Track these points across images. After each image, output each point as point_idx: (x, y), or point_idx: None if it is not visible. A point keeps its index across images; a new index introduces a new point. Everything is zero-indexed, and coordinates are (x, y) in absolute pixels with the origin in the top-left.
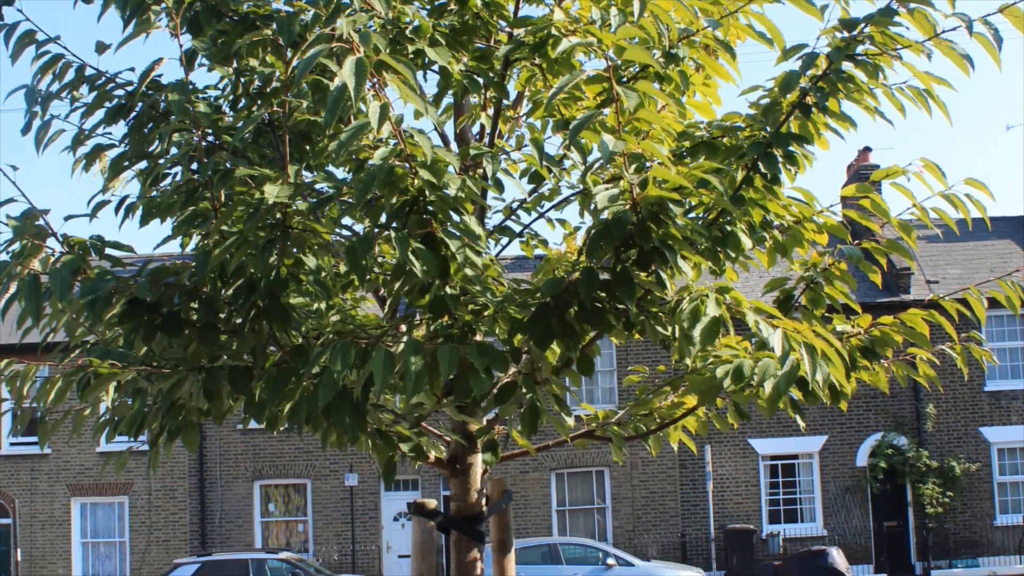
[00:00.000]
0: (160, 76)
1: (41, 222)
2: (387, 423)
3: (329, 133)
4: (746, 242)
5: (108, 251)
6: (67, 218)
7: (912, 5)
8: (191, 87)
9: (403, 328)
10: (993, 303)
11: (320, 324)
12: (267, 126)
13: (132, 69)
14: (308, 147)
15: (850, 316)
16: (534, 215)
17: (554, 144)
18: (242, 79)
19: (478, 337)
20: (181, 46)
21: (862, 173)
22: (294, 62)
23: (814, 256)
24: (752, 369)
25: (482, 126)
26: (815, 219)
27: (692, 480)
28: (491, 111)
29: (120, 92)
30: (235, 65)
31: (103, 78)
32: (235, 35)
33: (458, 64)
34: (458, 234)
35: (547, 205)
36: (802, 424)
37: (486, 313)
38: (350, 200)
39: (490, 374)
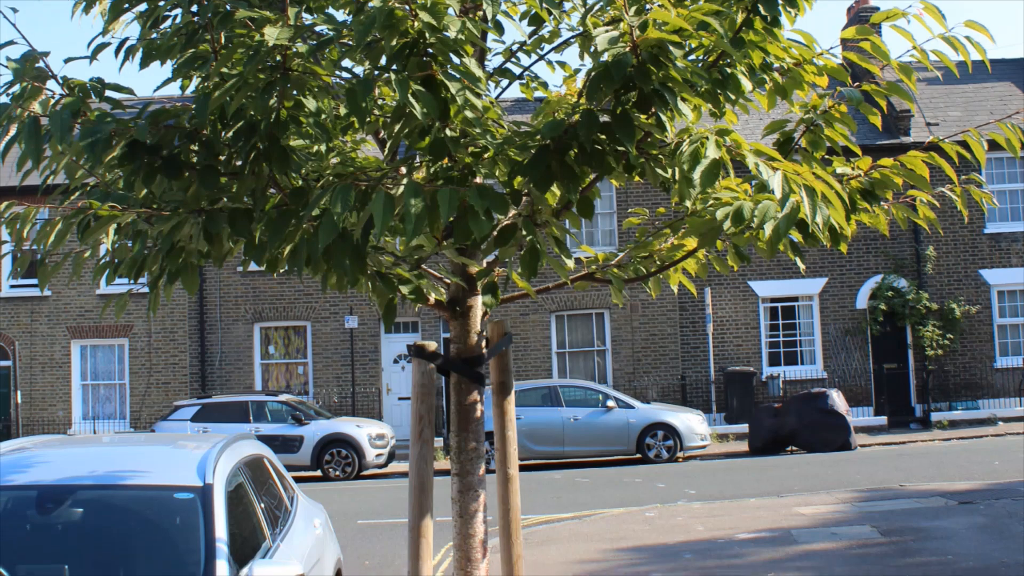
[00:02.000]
0: None
1: (41, 64)
2: (387, 265)
3: None
4: (746, 84)
5: (108, 94)
6: (67, 60)
7: None
8: None
9: (403, 170)
10: (993, 145)
11: (320, 167)
12: None
13: None
14: None
15: (850, 158)
16: (534, 57)
17: None
18: None
19: (478, 179)
20: None
21: (862, 15)
22: None
23: (814, 98)
24: (752, 211)
25: None
26: (815, 61)
27: (692, 322)
28: None
29: None
30: None
31: None
32: None
33: None
34: (458, 76)
35: (547, 48)
36: (802, 266)
37: (486, 155)
38: (350, 42)
39: (490, 216)
